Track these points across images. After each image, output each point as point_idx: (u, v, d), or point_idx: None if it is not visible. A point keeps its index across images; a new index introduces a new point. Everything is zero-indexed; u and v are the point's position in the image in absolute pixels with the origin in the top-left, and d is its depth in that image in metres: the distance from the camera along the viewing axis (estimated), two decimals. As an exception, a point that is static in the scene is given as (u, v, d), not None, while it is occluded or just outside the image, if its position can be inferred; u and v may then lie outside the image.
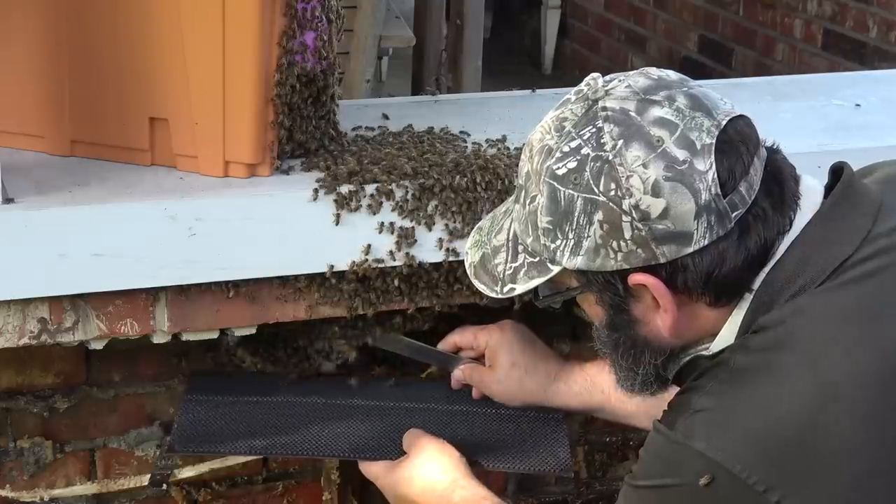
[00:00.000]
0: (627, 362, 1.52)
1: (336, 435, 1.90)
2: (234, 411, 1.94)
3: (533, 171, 1.46)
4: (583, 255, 1.42)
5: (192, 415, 1.92)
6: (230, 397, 1.96)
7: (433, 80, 4.83)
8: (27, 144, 1.89)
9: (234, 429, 1.90)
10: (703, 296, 1.43)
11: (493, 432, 1.94)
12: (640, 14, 6.48)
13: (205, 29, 1.76)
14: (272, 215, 1.81)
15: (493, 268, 1.56)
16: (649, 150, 1.38)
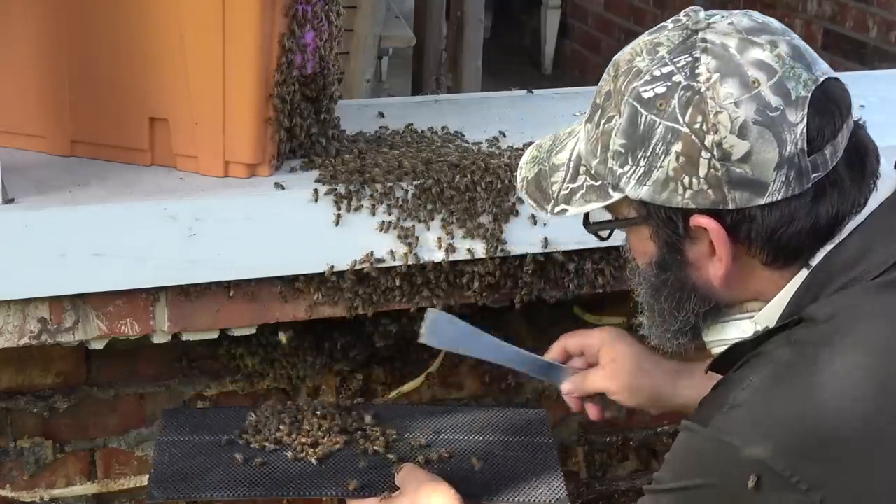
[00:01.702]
0: (669, 306, 1.46)
1: (320, 472, 1.84)
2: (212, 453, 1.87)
3: (615, 90, 1.40)
4: (649, 186, 1.37)
5: (168, 458, 1.86)
6: (206, 437, 1.90)
7: (433, 80, 4.83)
8: (27, 144, 1.89)
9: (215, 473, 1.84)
10: (762, 253, 1.38)
11: (484, 463, 1.88)
12: (640, 14, 6.47)
13: (205, 29, 1.76)
14: (272, 215, 1.81)
15: (547, 185, 1.51)
16: (743, 90, 1.34)
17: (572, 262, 2.00)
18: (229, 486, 1.80)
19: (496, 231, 1.91)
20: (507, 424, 1.97)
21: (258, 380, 2.10)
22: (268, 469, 1.83)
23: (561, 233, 1.94)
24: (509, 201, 1.91)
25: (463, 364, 2.18)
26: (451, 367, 2.18)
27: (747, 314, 1.46)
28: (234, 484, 1.80)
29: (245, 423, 1.93)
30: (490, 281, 1.95)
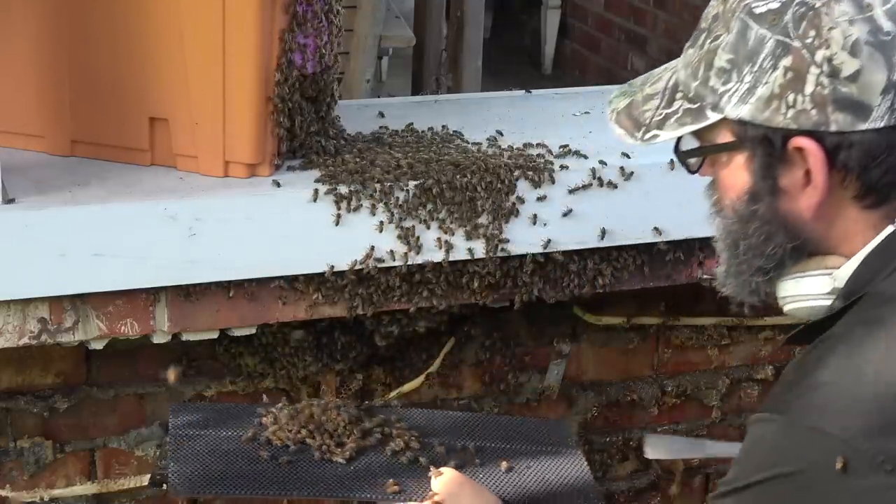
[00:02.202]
0: (758, 239, 1.42)
1: (351, 473, 1.77)
2: (234, 449, 1.80)
3: (725, 10, 1.39)
4: (751, 104, 1.35)
5: (185, 453, 1.79)
6: (224, 431, 1.84)
7: (433, 80, 4.83)
8: (27, 144, 1.89)
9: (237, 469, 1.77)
10: (855, 184, 1.36)
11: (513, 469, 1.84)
12: (640, 14, 6.47)
13: (205, 29, 1.76)
14: (272, 215, 1.81)
15: (639, 114, 1.49)
16: (858, 10, 1.33)
17: (572, 262, 2.00)
18: (259, 484, 1.74)
19: (496, 231, 1.90)
20: (532, 433, 1.94)
21: (258, 380, 2.10)
22: (296, 468, 1.77)
23: (561, 233, 1.94)
24: (509, 201, 1.91)
25: (463, 364, 2.18)
26: (451, 367, 2.18)
27: (826, 270, 1.42)
28: (264, 482, 1.74)
29: (261, 420, 1.86)
30: (490, 281, 1.95)
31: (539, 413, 2.26)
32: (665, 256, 2.05)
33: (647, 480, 2.39)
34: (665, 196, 1.99)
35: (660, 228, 2.00)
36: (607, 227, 1.97)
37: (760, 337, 2.38)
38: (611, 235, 1.97)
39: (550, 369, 2.23)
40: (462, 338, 2.16)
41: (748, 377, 2.39)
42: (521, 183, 1.91)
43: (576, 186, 1.94)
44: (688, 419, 2.36)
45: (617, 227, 1.97)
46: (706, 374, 2.36)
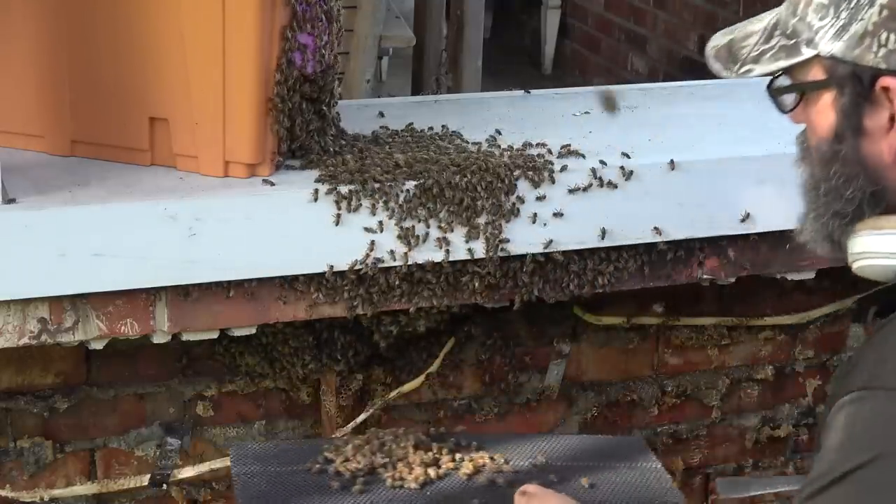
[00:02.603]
0: (838, 181, 1.43)
1: (428, 499, 1.73)
2: (303, 482, 1.76)
3: None
4: (844, 41, 1.37)
5: (253, 490, 1.74)
6: (289, 467, 1.79)
7: (433, 80, 4.83)
8: (27, 144, 1.89)
9: (310, 500, 1.73)
10: None
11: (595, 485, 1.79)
12: (640, 14, 6.47)
13: (205, 29, 1.76)
14: (272, 215, 1.81)
15: (737, 49, 1.51)
16: None
17: (572, 262, 2.00)
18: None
19: (496, 231, 1.90)
20: (606, 450, 1.91)
21: (258, 380, 2.10)
22: (370, 497, 1.73)
23: (561, 233, 1.94)
24: (509, 201, 1.91)
25: (463, 364, 2.18)
26: (451, 367, 2.17)
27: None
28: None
29: (326, 454, 1.82)
30: (490, 281, 1.95)
31: (539, 413, 2.26)
32: (665, 256, 2.05)
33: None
34: (665, 196, 1.99)
35: (660, 228, 2.00)
36: (607, 227, 1.97)
37: (760, 337, 2.38)
38: (611, 235, 1.97)
39: (550, 369, 2.23)
40: (462, 338, 2.16)
41: (748, 377, 2.39)
42: (521, 183, 1.91)
43: (576, 186, 1.94)
44: (688, 419, 2.36)
45: (617, 227, 1.97)
46: (706, 374, 2.36)
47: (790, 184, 2.04)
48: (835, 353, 2.45)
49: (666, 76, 6.09)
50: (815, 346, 2.43)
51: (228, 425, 2.12)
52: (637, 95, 2.32)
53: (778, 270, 2.14)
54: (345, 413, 2.11)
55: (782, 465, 2.48)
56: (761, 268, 2.12)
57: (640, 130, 2.12)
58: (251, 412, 2.13)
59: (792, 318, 2.37)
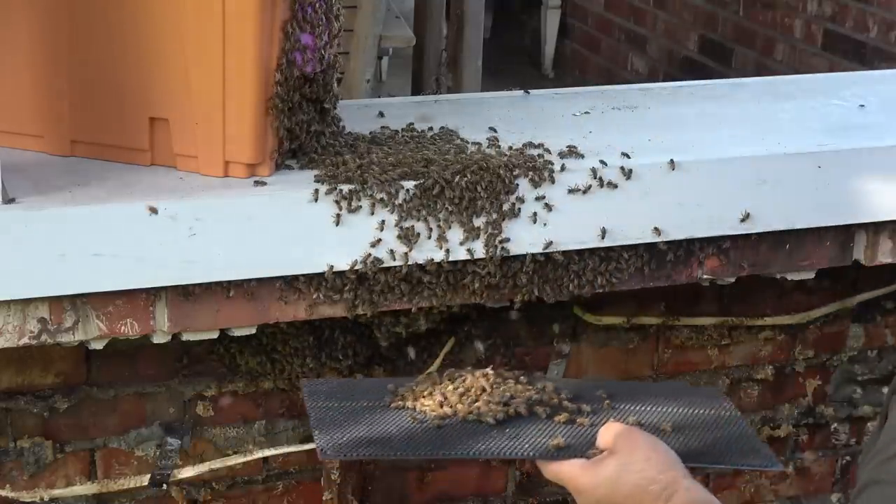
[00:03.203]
0: None
1: (506, 435, 1.65)
2: (379, 416, 1.72)
3: None
4: None
5: (328, 421, 1.70)
6: (363, 402, 1.76)
7: (433, 80, 4.83)
8: (27, 144, 1.89)
9: (384, 432, 1.68)
10: None
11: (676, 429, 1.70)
12: (640, 14, 6.47)
13: (205, 29, 1.76)
14: (272, 215, 1.81)
15: None
16: None
17: (572, 262, 2.00)
18: (410, 445, 1.64)
19: (496, 231, 1.91)
20: (683, 398, 1.82)
21: (258, 380, 2.10)
22: (446, 431, 1.66)
23: (561, 233, 1.94)
24: (509, 201, 1.91)
25: (463, 364, 2.18)
26: (452, 367, 2.17)
27: None
28: (415, 444, 1.64)
29: (400, 390, 1.77)
30: (490, 281, 1.95)
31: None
32: (665, 256, 2.05)
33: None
34: (665, 196, 1.99)
35: (660, 228, 2.00)
36: (607, 227, 1.97)
37: (760, 337, 2.38)
38: (611, 235, 1.97)
39: (550, 369, 2.23)
40: (462, 338, 2.17)
41: (748, 377, 2.39)
42: (521, 183, 1.91)
43: (576, 186, 1.94)
44: (688, 419, 2.36)
45: (617, 227, 1.97)
46: (706, 374, 2.36)
47: (790, 184, 2.06)
48: (835, 353, 2.45)
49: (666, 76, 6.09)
50: (815, 346, 2.43)
51: (228, 425, 2.12)
52: (637, 95, 2.32)
53: (778, 270, 2.15)
54: (345, 413, 2.11)
55: (782, 466, 2.48)
56: (761, 268, 2.12)
57: (640, 130, 2.12)
58: (251, 412, 2.13)
59: (792, 318, 2.37)
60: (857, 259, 2.16)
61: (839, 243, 2.14)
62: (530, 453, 1.62)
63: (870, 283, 2.39)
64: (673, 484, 1.48)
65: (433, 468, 2.27)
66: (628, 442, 1.53)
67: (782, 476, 2.48)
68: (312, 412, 1.74)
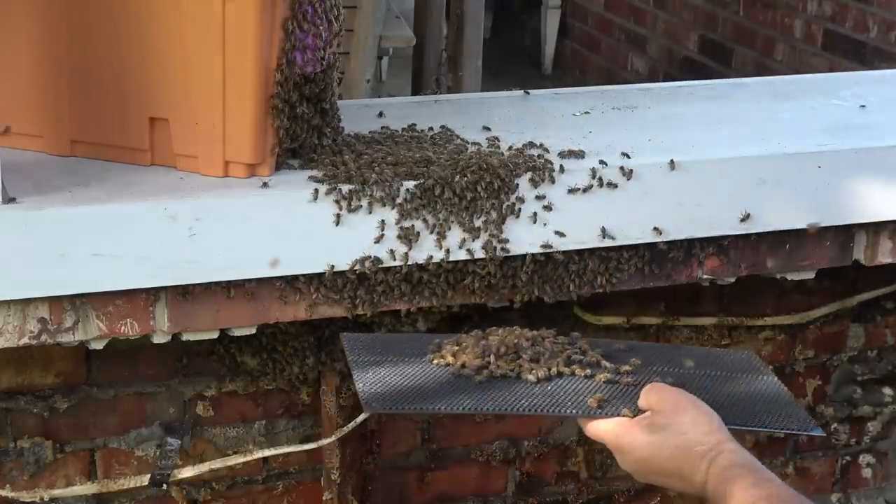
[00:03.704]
0: None
1: (547, 393, 1.64)
2: (422, 371, 1.71)
3: None
4: None
5: (371, 374, 1.69)
6: (405, 357, 1.75)
7: (433, 80, 4.83)
8: (27, 144, 1.89)
9: (427, 387, 1.67)
10: None
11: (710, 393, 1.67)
12: (640, 14, 6.47)
13: (205, 29, 1.76)
14: (272, 215, 1.81)
15: None
16: None
17: (572, 262, 2.00)
18: (453, 399, 1.63)
19: (496, 231, 1.91)
20: (720, 362, 1.81)
21: (258, 379, 2.10)
22: (487, 387, 1.66)
23: (561, 233, 1.94)
24: (509, 201, 1.91)
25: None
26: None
27: None
28: (458, 398, 1.63)
29: (442, 345, 1.76)
30: (490, 281, 1.95)
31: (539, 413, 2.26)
32: (665, 256, 2.05)
33: None
34: (665, 196, 1.99)
35: (660, 228, 2.00)
36: (607, 227, 1.97)
37: (760, 337, 2.38)
38: (611, 235, 1.97)
39: (550, 369, 2.23)
40: (462, 338, 2.16)
41: (748, 377, 2.39)
42: (521, 183, 1.91)
43: (576, 186, 1.94)
44: (688, 419, 2.36)
45: (617, 227, 1.97)
46: (706, 374, 2.36)
47: (790, 184, 2.06)
48: (835, 353, 2.45)
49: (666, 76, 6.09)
50: (815, 346, 2.43)
51: (228, 425, 2.12)
52: (637, 95, 2.32)
53: (778, 270, 2.15)
54: (345, 413, 2.11)
55: (782, 466, 2.48)
56: (761, 268, 2.12)
57: (640, 130, 2.12)
58: (251, 412, 2.13)
59: (792, 318, 2.37)
60: (857, 259, 2.16)
61: (839, 243, 2.14)
62: (572, 411, 1.60)
63: (870, 283, 2.39)
64: (717, 446, 1.46)
65: (433, 468, 2.27)
66: (673, 403, 1.51)
67: (782, 476, 2.48)
68: (354, 366, 1.73)
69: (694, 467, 1.46)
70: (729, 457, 1.45)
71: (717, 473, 1.45)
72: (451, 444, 2.28)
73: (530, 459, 2.32)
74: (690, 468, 1.47)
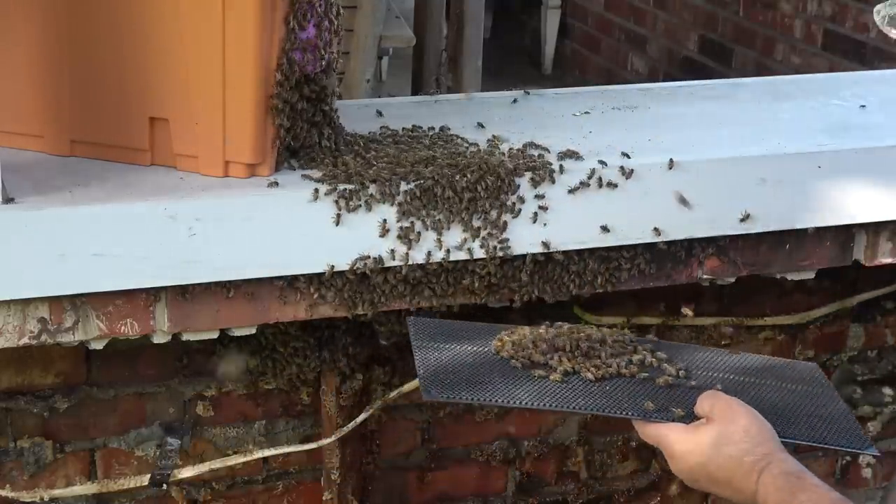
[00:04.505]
0: None
1: (605, 392, 1.65)
2: (484, 360, 1.72)
3: None
4: None
5: (432, 360, 1.69)
6: (468, 346, 1.74)
7: (433, 80, 4.83)
8: (27, 144, 1.89)
9: (485, 377, 1.67)
10: None
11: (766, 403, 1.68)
12: (640, 14, 6.47)
13: (205, 28, 1.76)
14: (272, 215, 1.81)
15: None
16: None
17: (572, 262, 2.00)
18: (513, 393, 1.63)
19: (496, 231, 1.91)
20: (779, 371, 1.82)
21: (259, 379, 2.10)
22: (547, 383, 1.66)
23: (561, 233, 1.94)
24: (509, 201, 1.91)
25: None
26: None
27: None
28: (518, 392, 1.64)
29: (505, 336, 1.76)
30: (490, 281, 1.95)
31: (538, 413, 2.26)
32: (665, 256, 2.05)
33: (648, 480, 2.40)
34: (665, 196, 1.99)
35: (660, 228, 2.00)
36: (607, 227, 1.97)
37: (760, 337, 2.38)
38: (611, 235, 1.97)
39: (550, 369, 2.23)
40: (462, 338, 2.16)
41: (748, 377, 2.39)
42: (521, 183, 1.91)
43: (575, 186, 1.94)
44: (688, 419, 2.36)
45: (617, 226, 1.97)
46: (706, 374, 2.36)
47: (790, 184, 2.06)
48: (835, 353, 2.45)
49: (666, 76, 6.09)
50: (815, 346, 2.43)
51: (228, 425, 2.12)
52: (637, 95, 2.32)
53: (778, 270, 2.15)
54: (345, 413, 2.11)
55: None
56: (761, 268, 2.12)
57: (640, 130, 2.12)
58: (251, 412, 2.13)
59: (792, 318, 2.37)
60: (857, 259, 2.16)
61: (839, 243, 2.14)
62: (629, 413, 1.61)
63: (870, 283, 2.39)
64: (768, 456, 1.47)
65: (433, 468, 2.27)
66: (729, 412, 1.52)
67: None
68: (417, 349, 1.73)
69: (745, 477, 1.48)
70: (778, 466, 1.46)
71: (767, 483, 1.46)
72: (451, 444, 2.28)
73: (530, 459, 2.32)
74: (741, 478, 1.48)
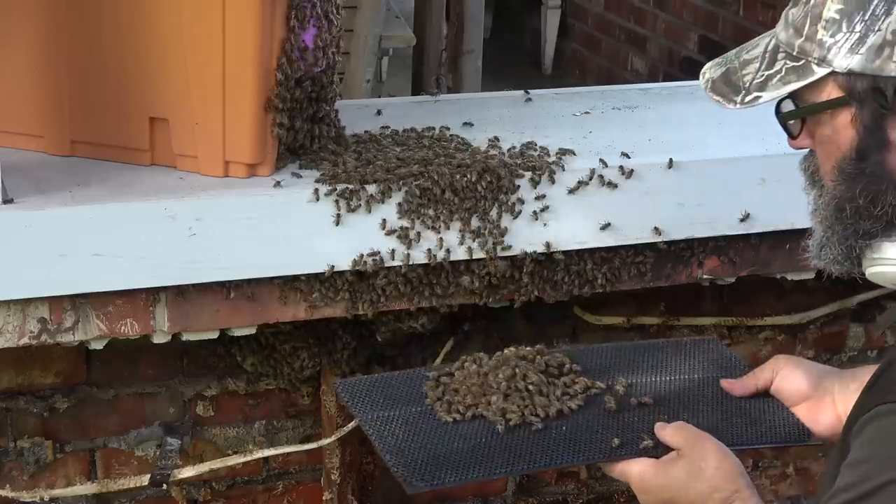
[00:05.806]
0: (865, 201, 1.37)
1: (563, 437, 1.62)
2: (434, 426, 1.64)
3: None
4: (861, 55, 1.32)
5: (392, 443, 1.61)
6: (413, 408, 1.67)
7: (433, 80, 4.83)
8: (27, 144, 1.89)
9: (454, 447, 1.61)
10: None
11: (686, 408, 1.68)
12: (640, 14, 6.47)
13: (205, 29, 1.76)
14: (272, 215, 1.81)
15: (738, 79, 1.46)
16: None
17: (572, 262, 2.00)
18: (488, 463, 1.58)
19: (496, 231, 1.90)
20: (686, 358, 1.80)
21: (258, 379, 2.10)
22: (512, 438, 1.62)
23: (561, 233, 1.94)
24: (509, 201, 1.91)
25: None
26: (451, 367, 2.17)
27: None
28: (492, 461, 1.59)
29: (440, 384, 1.69)
30: (490, 281, 1.95)
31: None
32: (665, 256, 2.05)
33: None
34: (665, 196, 1.99)
35: (660, 228, 2.00)
36: (607, 226, 1.96)
37: (760, 337, 2.38)
38: (611, 235, 1.97)
39: (550, 369, 2.23)
40: (462, 337, 2.16)
41: (748, 377, 2.39)
42: (521, 183, 1.91)
43: (575, 186, 1.94)
44: (688, 419, 2.36)
45: (617, 226, 1.97)
46: (706, 374, 2.35)
47: (790, 184, 2.05)
48: (835, 353, 2.45)
49: (666, 76, 6.09)
50: (815, 346, 2.43)
51: (228, 425, 2.12)
52: (637, 95, 2.32)
53: (778, 270, 2.14)
54: (345, 413, 2.11)
55: (782, 466, 2.48)
56: (761, 268, 2.12)
57: (640, 130, 2.12)
58: (251, 412, 2.13)
59: (792, 318, 2.37)
60: (857, 259, 2.16)
61: (839, 243, 2.13)
62: (599, 457, 1.60)
63: (870, 283, 2.39)
64: (736, 493, 1.49)
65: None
66: (700, 448, 1.54)
67: (782, 476, 2.48)
68: (370, 429, 1.65)
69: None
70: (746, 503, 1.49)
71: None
72: (451, 444, 2.27)
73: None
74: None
